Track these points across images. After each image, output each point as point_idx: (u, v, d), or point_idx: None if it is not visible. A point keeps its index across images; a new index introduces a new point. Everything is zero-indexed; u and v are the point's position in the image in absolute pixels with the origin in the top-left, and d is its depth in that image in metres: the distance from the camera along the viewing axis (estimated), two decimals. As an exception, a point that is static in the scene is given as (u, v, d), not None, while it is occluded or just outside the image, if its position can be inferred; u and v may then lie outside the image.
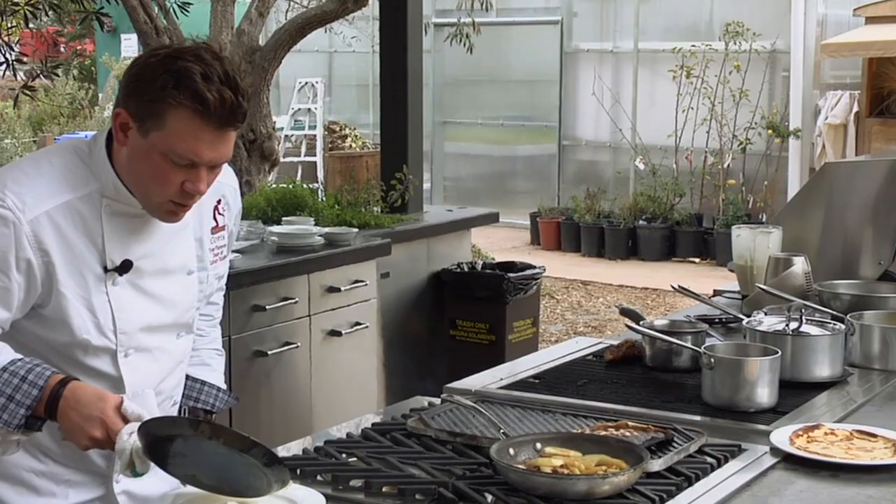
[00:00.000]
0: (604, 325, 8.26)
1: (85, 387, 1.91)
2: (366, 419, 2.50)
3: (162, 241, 2.08)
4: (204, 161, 1.94)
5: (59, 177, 1.98)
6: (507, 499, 1.93)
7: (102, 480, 2.11)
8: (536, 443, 2.11)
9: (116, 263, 2.01)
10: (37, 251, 1.94)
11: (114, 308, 2.02)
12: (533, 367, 2.87)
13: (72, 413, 1.88)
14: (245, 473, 1.79)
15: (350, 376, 4.67)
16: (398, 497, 1.98)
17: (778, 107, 10.66)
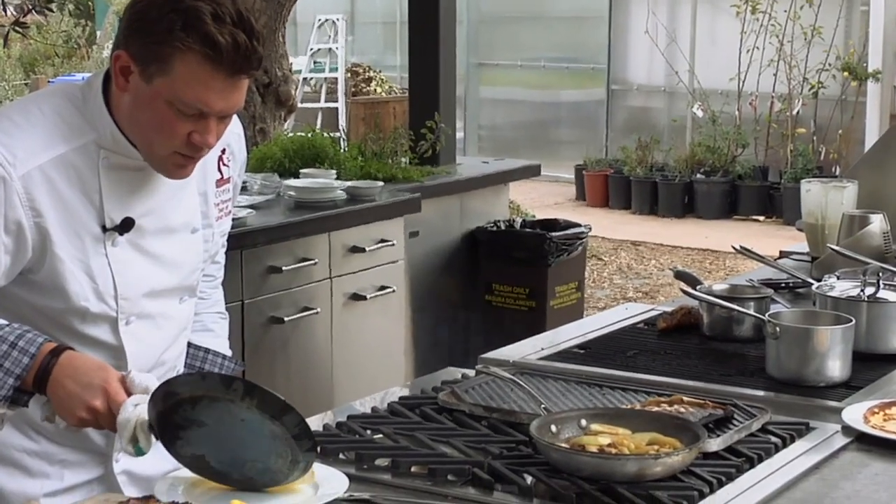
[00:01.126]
0: (656, 290, 8.25)
1: (83, 355, 1.90)
2: (392, 392, 2.51)
3: (164, 196, 2.08)
4: (214, 111, 1.93)
5: (51, 127, 1.96)
6: (549, 480, 1.95)
7: (101, 460, 2.12)
8: (581, 419, 2.12)
9: (116, 222, 2.01)
10: (28, 210, 1.93)
11: (114, 271, 2.02)
12: (577, 336, 2.87)
13: (67, 381, 1.85)
14: (266, 451, 1.78)
15: (375, 345, 4.69)
16: (428, 478, 2.00)
17: (855, 46, 10.53)
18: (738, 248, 3.27)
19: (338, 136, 5.91)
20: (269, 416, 1.76)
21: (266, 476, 1.81)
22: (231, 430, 1.78)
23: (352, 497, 1.89)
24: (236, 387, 1.76)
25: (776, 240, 8.42)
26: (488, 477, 1.97)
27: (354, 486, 1.93)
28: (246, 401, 1.76)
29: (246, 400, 1.76)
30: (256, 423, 1.77)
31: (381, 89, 11.95)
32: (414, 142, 5.48)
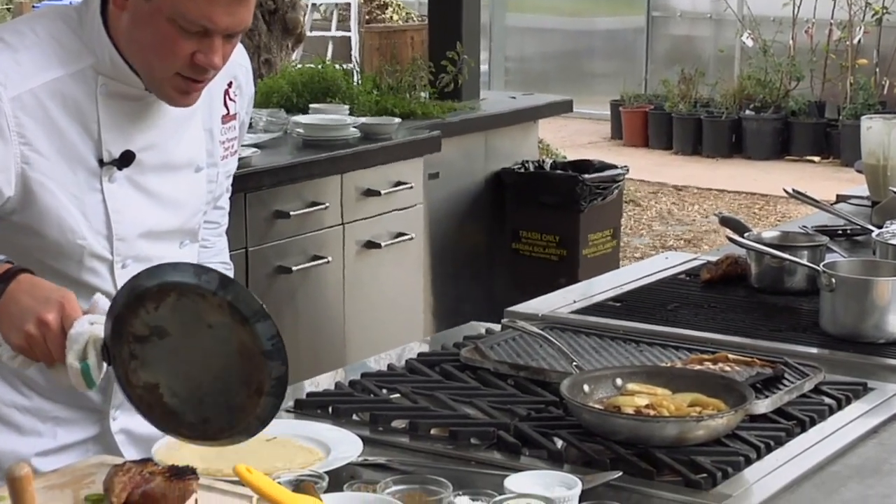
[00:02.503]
0: (700, 237, 8.23)
1: (45, 280, 1.87)
2: (410, 348, 2.52)
3: (167, 130, 2.07)
4: (219, 28, 1.92)
5: (46, 49, 1.96)
6: (581, 444, 1.95)
7: (97, 417, 2.13)
8: (616, 378, 2.13)
9: (115, 156, 2.00)
10: (16, 137, 1.92)
11: (109, 209, 2.02)
12: (613, 287, 2.87)
13: (23, 296, 1.81)
14: (229, 377, 1.69)
15: (391, 297, 4.71)
16: (449, 441, 2.01)
17: (923, -33, 10.40)
18: (791, 192, 3.26)
19: (350, 67, 5.89)
20: (239, 320, 1.68)
21: (223, 418, 1.73)
22: (195, 342, 1.70)
23: (366, 461, 1.91)
24: (210, 278, 1.69)
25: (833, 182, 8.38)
26: (514, 440, 1.98)
27: (369, 449, 1.94)
28: (219, 296, 1.67)
29: (219, 295, 1.67)
30: (225, 330, 1.68)
31: (397, 16, 11.89)
32: (434, 74, 5.46)
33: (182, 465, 1.70)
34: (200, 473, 1.71)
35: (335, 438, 1.96)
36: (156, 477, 1.66)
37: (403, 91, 5.32)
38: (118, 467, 1.68)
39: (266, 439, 1.96)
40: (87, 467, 1.81)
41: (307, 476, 1.77)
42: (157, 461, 1.77)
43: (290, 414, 2.15)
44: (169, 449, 1.91)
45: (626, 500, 1.78)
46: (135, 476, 1.66)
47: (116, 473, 1.66)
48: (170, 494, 1.66)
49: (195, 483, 1.67)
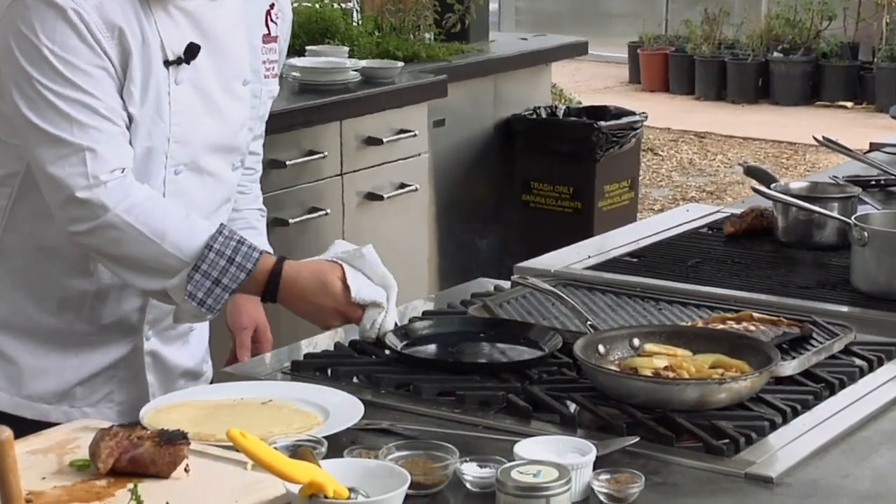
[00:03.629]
0: (723, 188, 8.23)
1: (301, 270, 2.17)
2: (414, 307, 2.53)
3: (218, 36, 2.20)
4: None
5: None
6: (596, 408, 1.96)
7: (130, 336, 2.25)
8: (633, 338, 2.13)
9: (179, 53, 2.14)
10: (109, 37, 2.07)
11: (172, 111, 2.15)
12: (630, 242, 2.88)
13: (299, 303, 2.18)
14: None
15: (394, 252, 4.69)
16: (456, 405, 2.02)
17: None
18: (821, 140, 3.25)
19: (350, 6, 5.87)
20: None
21: None
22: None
23: (367, 426, 1.92)
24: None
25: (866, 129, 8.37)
26: (525, 404, 1.99)
27: (370, 413, 1.95)
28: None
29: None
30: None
31: (400, -48, 11.83)
32: (440, 14, 5.44)
33: (172, 429, 1.71)
34: (192, 438, 1.72)
35: (334, 402, 1.97)
36: (144, 442, 1.68)
37: (407, 32, 5.30)
38: (104, 431, 1.69)
39: (261, 402, 1.97)
40: (71, 431, 1.82)
41: (305, 441, 1.78)
42: (145, 425, 1.78)
43: (286, 376, 2.16)
44: (158, 412, 1.92)
45: (644, 466, 1.79)
46: (122, 441, 1.67)
47: (103, 438, 1.68)
48: (159, 460, 1.67)
49: (186, 448, 1.68)
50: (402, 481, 1.59)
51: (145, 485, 1.61)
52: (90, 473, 1.68)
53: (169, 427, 1.73)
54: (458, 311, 2.43)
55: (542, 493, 1.61)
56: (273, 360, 2.31)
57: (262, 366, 2.27)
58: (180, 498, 1.58)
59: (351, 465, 1.67)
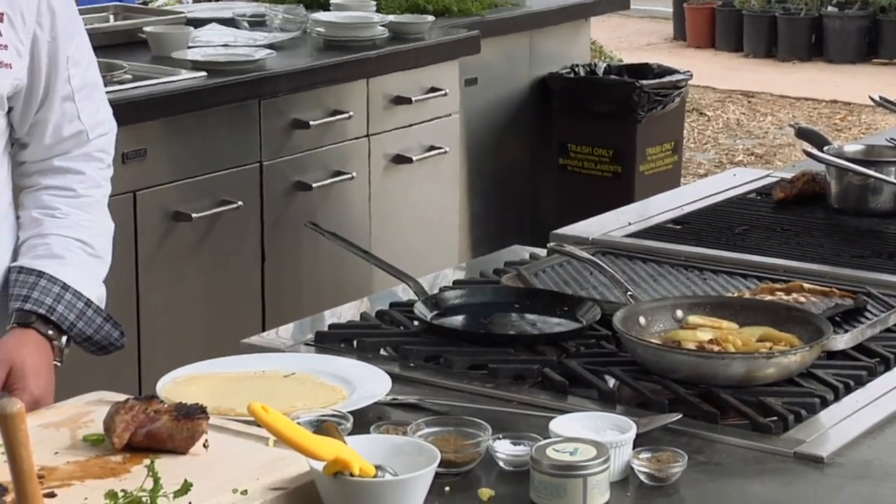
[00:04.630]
0: (773, 152, 8.19)
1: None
2: (444, 276, 2.54)
3: None
4: None
5: None
6: (636, 383, 1.97)
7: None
8: (677, 309, 2.13)
9: None
10: None
11: None
12: (673, 207, 2.87)
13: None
14: None
15: (423, 218, 4.72)
16: (488, 379, 2.02)
17: None
18: (878, 100, 3.23)
19: (377, -43, 5.85)
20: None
21: None
22: None
23: (394, 401, 1.93)
24: None
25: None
26: (561, 379, 1.99)
27: (398, 387, 1.96)
28: None
29: None
30: None
31: None
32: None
33: (191, 402, 1.72)
34: (211, 412, 1.73)
35: (360, 375, 1.98)
36: (162, 416, 1.69)
37: (437, -16, 5.28)
38: (120, 405, 1.70)
39: (284, 375, 1.98)
40: (85, 404, 1.83)
41: (329, 416, 1.79)
42: (162, 398, 1.79)
43: (310, 348, 2.17)
44: (176, 385, 1.93)
45: (686, 445, 1.79)
46: (138, 414, 1.68)
47: (118, 411, 1.69)
48: (177, 435, 1.68)
49: (205, 423, 1.69)
50: (432, 459, 1.60)
51: (162, 461, 1.61)
52: (104, 448, 1.69)
53: (187, 400, 1.74)
54: (490, 281, 2.43)
55: (579, 472, 1.61)
56: (296, 330, 2.32)
57: (284, 337, 2.28)
58: (199, 475, 1.58)
59: (378, 442, 1.68)
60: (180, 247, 3.83)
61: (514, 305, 2.28)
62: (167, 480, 1.52)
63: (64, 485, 1.59)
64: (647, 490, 1.69)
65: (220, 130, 3.94)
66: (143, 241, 3.71)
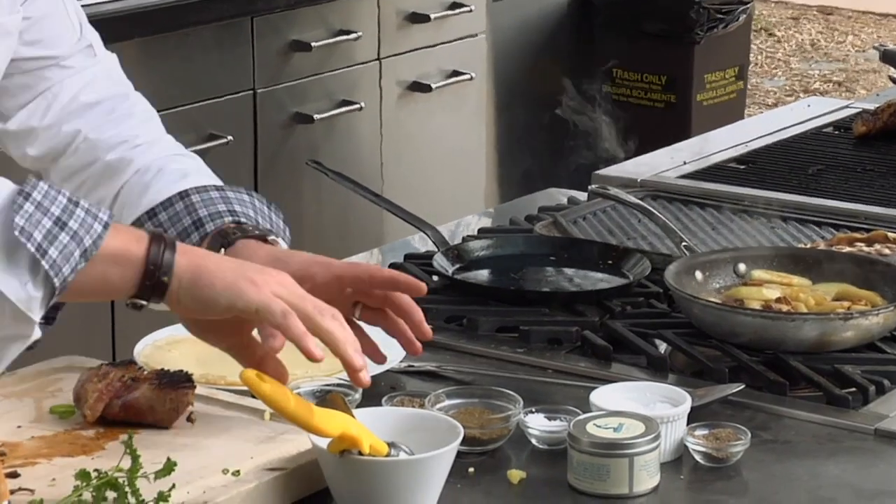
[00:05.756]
0: (853, 78, 8.16)
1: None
2: (468, 223, 2.54)
3: None
4: None
5: None
6: (691, 349, 1.97)
7: None
8: (739, 263, 2.13)
9: None
10: None
11: None
12: (736, 144, 2.87)
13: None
14: None
15: (444, 157, 4.71)
16: (519, 343, 2.03)
17: None
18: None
19: None
20: None
21: None
22: None
23: (410, 368, 1.94)
24: None
25: None
26: (604, 343, 2.00)
27: (414, 352, 1.98)
28: None
29: None
30: None
31: None
32: None
33: (174, 369, 1.73)
34: (197, 381, 1.74)
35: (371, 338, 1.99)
36: (141, 384, 1.69)
37: None
38: (92, 371, 1.71)
39: (281, 338, 1.99)
40: (52, 371, 1.84)
41: (335, 386, 1.80)
42: (141, 364, 1.81)
43: (312, 306, 2.18)
44: (157, 349, 1.95)
45: (750, 420, 1.80)
46: (114, 383, 1.69)
47: (90, 379, 1.70)
48: (158, 407, 1.69)
49: (191, 393, 1.70)
50: (454, 435, 1.61)
51: (141, 436, 1.62)
52: (75, 422, 1.70)
53: (170, 367, 1.75)
54: (522, 229, 2.44)
55: (625, 452, 1.62)
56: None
57: (281, 294, 2.28)
58: (184, 453, 1.59)
59: (391, 416, 1.69)
60: (161, 189, 3.84)
61: (550, 258, 2.29)
62: (147, 459, 1.52)
63: (28, 463, 1.60)
64: (703, 472, 1.70)
65: (207, 53, 3.94)
66: (117, 182, 3.72)
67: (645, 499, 1.63)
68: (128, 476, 1.50)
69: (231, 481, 1.57)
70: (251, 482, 1.57)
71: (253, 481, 1.57)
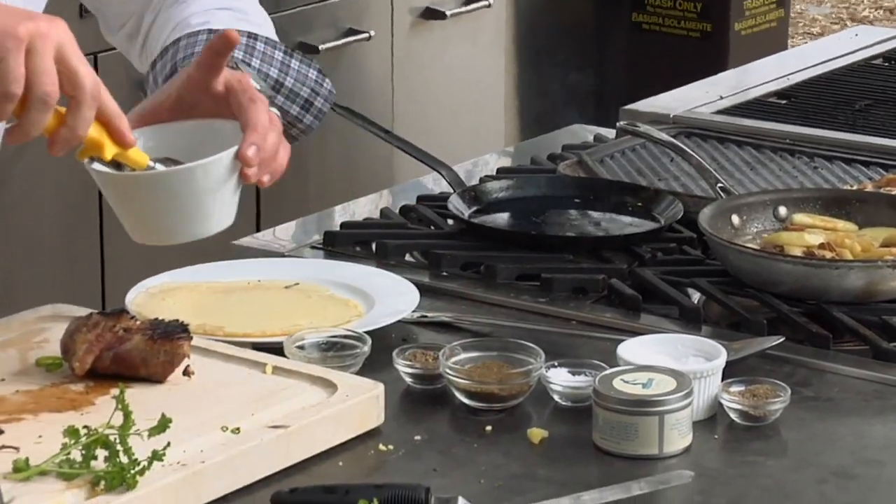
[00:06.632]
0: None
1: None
2: (485, 162, 2.55)
3: None
4: None
5: None
6: (727, 298, 1.98)
7: None
8: (779, 206, 2.13)
9: None
10: None
11: None
12: (777, 77, 2.87)
13: None
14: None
15: (460, 90, 4.71)
16: (541, 291, 2.04)
17: None
18: None
19: None
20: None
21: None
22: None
23: (423, 318, 1.95)
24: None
25: None
26: (633, 292, 2.00)
27: (427, 302, 1.98)
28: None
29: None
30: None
31: None
32: None
33: (169, 319, 1.74)
34: (194, 331, 1.75)
35: (380, 286, 2.00)
36: (133, 335, 1.70)
37: None
38: (81, 321, 1.71)
39: (285, 286, 2.00)
40: (37, 320, 1.85)
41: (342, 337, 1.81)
42: (134, 313, 1.81)
43: (317, 252, 2.19)
44: (150, 297, 1.95)
45: (790, 375, 1.81)
46: (104, 333, 1.70)
47: (79, 329, 1.70)
48: (152, 359, 1.69)
49: (187, 344, 1.71)
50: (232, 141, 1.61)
51: (134, 391, 1.63)
52: (63, 375, 1.71)
53: (164, 316, 1.76)
54: (544, 169, 2.44)
55: (654, 409, 1.63)
56: (299, 230, 2.34)
57: (284, 239, 2.29)
58: (179, 408, 1.59)
59: (171, 130, 1.70)
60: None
61: (574, 200, 2.29)
62: (140, 415, 1.53)
63: (12, 419, 1.61)
64: (739, 431, 1.71)
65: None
66: (106, 116, 3.72)
67: (676, 460, 1.63)
68: (119, 433, 1.50)
69: (230, 439, 1.57)
70: (252, 440, 1.58)
71: (255, 439, 1.58)
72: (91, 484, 1.47)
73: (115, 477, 1.46)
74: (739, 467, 1.63)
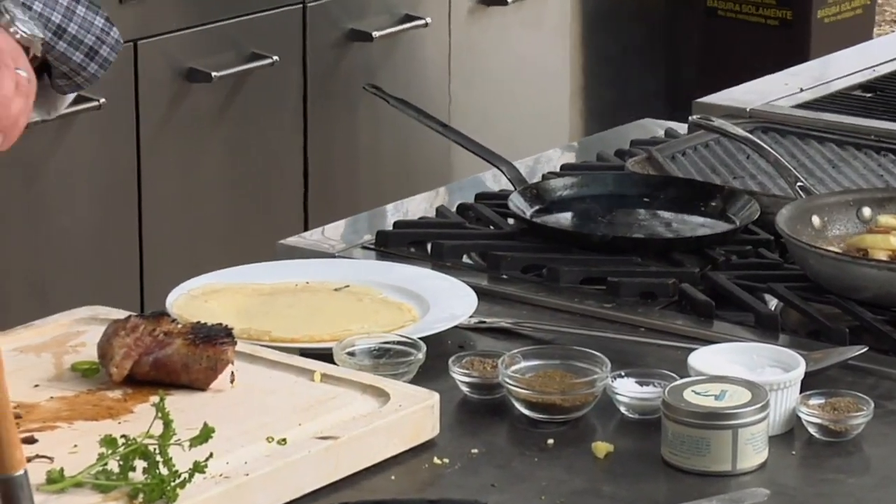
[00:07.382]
0: None
1: None
2: (548, 158, 2.55)
3: None
4: None
5: None
6: (806, 305, 1.97)
7: None
8: (862, 207, 2.13)
9: None
10: None
11: None
12: (862, 68, 2.86)
13: None
14: None
15: (521, 81, 4.71)
16: (607, 296, 2.04)
17: None
18: None
19: None
20: None
21: None
22: None
23: (481, 323, 1.95)
24: None
25: None
26: (705, 298, 2.00)
27: (486, 306, 1.99)
28: None
29: None
30: None
31: None
32: None
33: (212, 323, 1.75)
34: (238, 336, 1.76)
35: (436, 289, 2.00)
36: (174, 339, 1.71)
37: None
38: (119, 324, 1.72)
39: (334, 289, 2.01)
40: (73, 323, 1.86)
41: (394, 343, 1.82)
42: (174, 317, 1.82)
43: (368, 252, 2.20)
44: (192, 299, 1.96)
45: (873, 388, 1.80)
46: (143, 337, 1.71)
47: (117, 333, 1.71)
48: (193, 364, 1.70)
49: (231, 350, 1.72)
50: None
51: (174, 398, 1.64)
52: (99, 381, 1.73)
53: (207, 320, 1.77)
54: (611, 166, 2.44)
55: (728, 423, 1.63)
56: (349, 230, 2.34)
57: (334, 238, 2.30)
58: (222, 417, 1.61)
59: None
60: (197, 116, 3.86)
61: (643, 199, 2.29)
62: (181, 424, 1.54)
63: (46, 427, 1.62)
64: (818, 447, 1.71)
65: (249, -40, 3.95)
66: (146, 108, 3.74)
67: (750, 477, 1.63)
68: (159, 443, 1.51)
69: (276, 451, 1.58)
70: (299, 452, 1.58)
71: (302, 451, 1.58)
72: (129, 497, 1.48)
73: (155, 490, 1.47)
74: (818, 485, 1.63)
